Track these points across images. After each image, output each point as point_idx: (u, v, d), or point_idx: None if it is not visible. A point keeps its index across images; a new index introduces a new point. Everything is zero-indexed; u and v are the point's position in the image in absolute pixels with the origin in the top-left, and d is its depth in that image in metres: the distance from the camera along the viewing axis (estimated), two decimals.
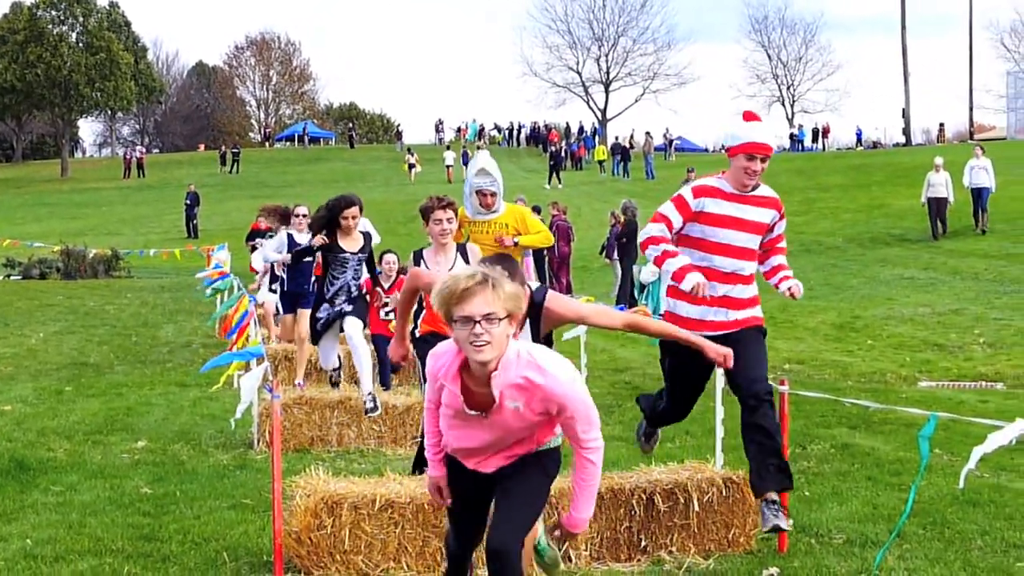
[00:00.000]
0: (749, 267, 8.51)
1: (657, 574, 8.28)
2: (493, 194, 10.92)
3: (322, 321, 13.19)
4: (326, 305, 13.17)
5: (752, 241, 8.46)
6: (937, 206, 35.63)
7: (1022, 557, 8.53)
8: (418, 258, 9.89)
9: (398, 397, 13.93)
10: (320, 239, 13.10)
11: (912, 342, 21.30)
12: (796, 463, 11.54)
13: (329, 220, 13.00)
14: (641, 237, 8.41)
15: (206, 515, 9.85)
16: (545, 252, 31.96)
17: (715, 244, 8.33)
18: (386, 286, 16.24)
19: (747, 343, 8.41)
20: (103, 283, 35.89)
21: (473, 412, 5.78)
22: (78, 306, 29.12)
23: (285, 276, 16.33)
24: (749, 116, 8.46)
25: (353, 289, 13.24)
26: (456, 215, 10.03)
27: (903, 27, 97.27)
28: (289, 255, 15.32)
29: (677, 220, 8.31)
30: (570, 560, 8.43)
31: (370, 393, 12.83)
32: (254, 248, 28.48)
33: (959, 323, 22.74)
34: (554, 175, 65.11)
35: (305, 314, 15.14)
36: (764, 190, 8.61)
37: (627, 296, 26.93)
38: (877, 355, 20.31)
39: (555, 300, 7.77)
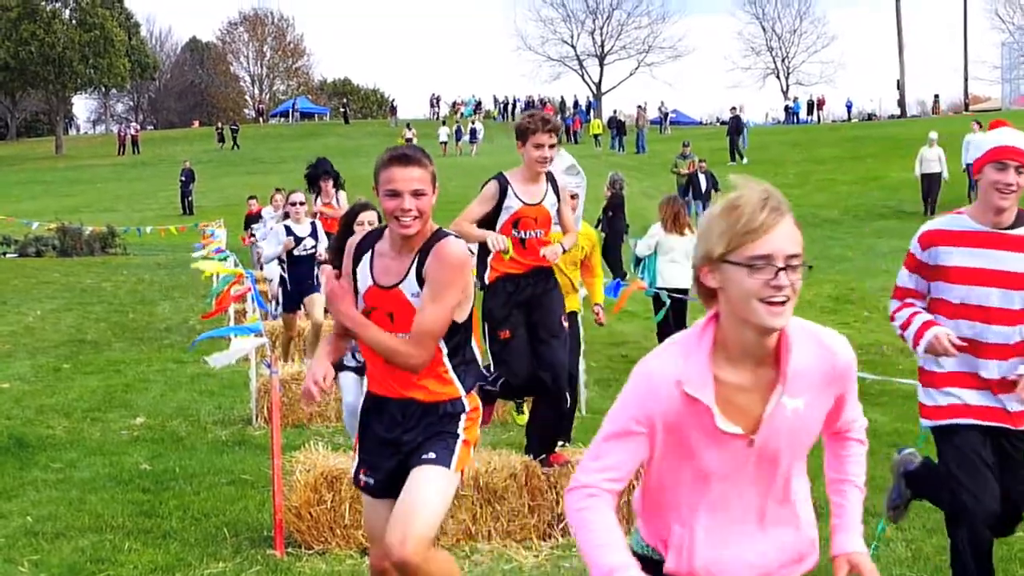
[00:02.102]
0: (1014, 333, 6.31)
1: None
2: (575, 196, 10.05)
3: (352, 366, 9.89)
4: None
5: (1015, 298, 6.26)
6: (929, 182, 35.46)
7: (1019, 527, 8.55)
8: (504, 183, 8.55)
9: None
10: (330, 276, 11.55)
11: None
12: None
13: (345, 228, 11.71)
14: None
15: (206, 491, 9.88)
16: None
17: (959, 306, 6.32)
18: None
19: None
20: (99, 260, 35.86)
21: (733, 430, 3.64)
22: (74, 284, 29.10)
23: (287, 275, 15.54)
24: (996, 124, 6.84)
25: None
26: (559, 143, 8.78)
27: None
28: (291, 239, 15.01)
29: (911, 282, 6.50)
30: (569, 534, 8.46)
31: None
32: (253, 235, 28.47)
33: None
34: None
35: (315, 300, 14.89)
36: None
37: (616, 268, 26.88)
38: (874, 327, 20.33)
39: None
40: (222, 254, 22.12)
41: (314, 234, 15.33)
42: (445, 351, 5.59)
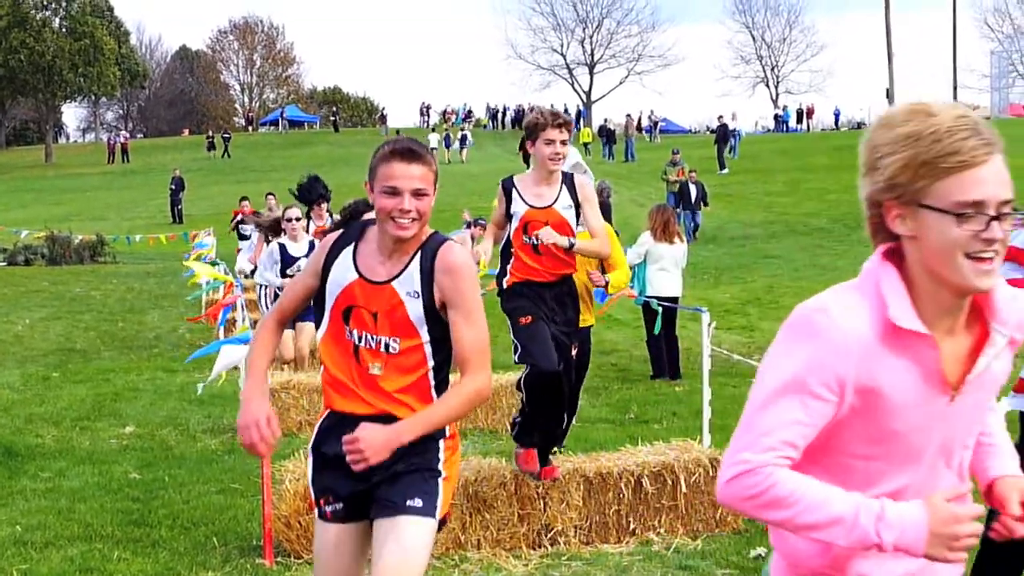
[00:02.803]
0: None
1: (646, 555, 8.31)
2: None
3: None
4: None
5: None
6: None
7: None
8: (508, 186, 8.28)
9: None
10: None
11: None
12: None
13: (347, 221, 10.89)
14: None
15: (195, 500, 9.87)
16: None
17: None
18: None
19: None
20: (88, 269, 35.81)
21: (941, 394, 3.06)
22: (64, 292, 29.05)
23: (281, 292, 15.15)
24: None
25: None
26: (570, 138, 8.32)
27: (887, 7, 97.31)
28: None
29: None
30: (558, 543, 8.46)
31: None
32: (239, 234, 28.39)
33: None
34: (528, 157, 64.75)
35: (306, 328, 14.14)
36: None
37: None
38: None
39: None
40: (212, 260, 22.13)
41: (310, 254, 14.79)
42: (431, 364, 4.93)
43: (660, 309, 15.50)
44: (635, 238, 17.02)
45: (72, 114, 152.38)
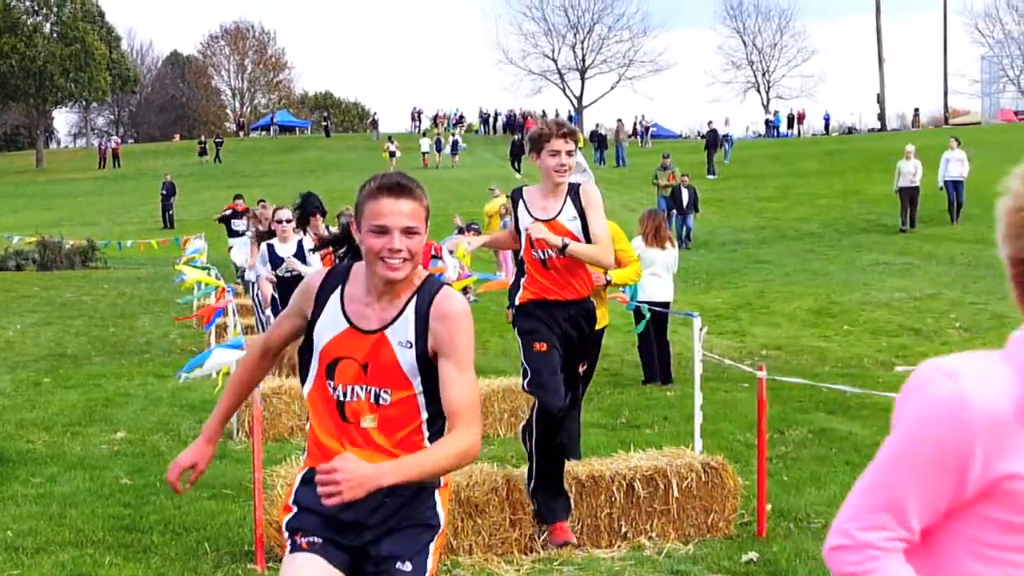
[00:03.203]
0: None
1: (637, 560, 8.32)
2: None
3: None
4: None
5: None
6: (910, 195, 35.23)
7: None
8: (518, 198, 8.14)
9: None
10: None
11: (889, 327, 21.39)
12: (774, 448, 11.62)
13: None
14: None
15: (186, 505, 9.86)
16: None
17: None
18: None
19: None
20: (79, 274, 35.75)
21: None
22: (55, 297, 29.01)
23: (277, 295, 14.87)
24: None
25: None
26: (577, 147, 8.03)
27: (878, 12, 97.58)
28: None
29: None
30: (550, 547, 8.46)
31: None
32: (230, 229, 28.38)
33: (935, 308, 22.84)
34: (516, 164, 64.64)
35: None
36: None
37: None
38: (854, 340, 20.40)
39: None
40: (203, 264, 22.11)
41: (300, 254, 14.77)
42: (425, 417, 4.58)
43: (648, 314, 15.51)
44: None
45: (63, 119, 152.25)
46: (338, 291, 4.63)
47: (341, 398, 4.55)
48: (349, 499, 4.01)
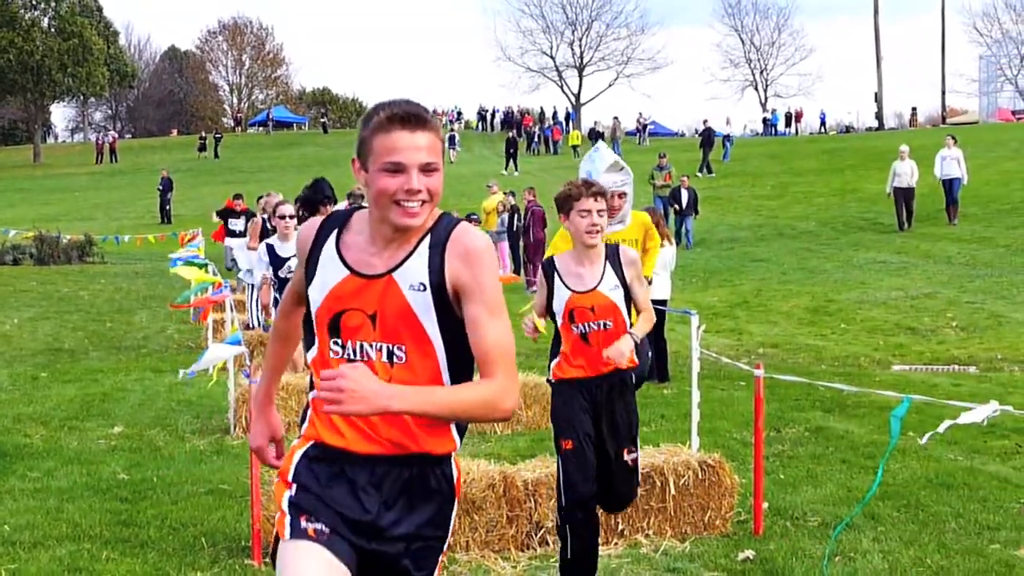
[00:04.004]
0: None
1: (634, 558, 8.32)
2: (623, 195, 8.84)
3: None
4: None
5: None
6: (904, 196, 35.04)
7: (995, 539, 8.61)
8: (551, 269, 7.37)
9: None
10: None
11: (885, 326, 21.40)
12: (771, 446, 11.63)
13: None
14: None
15: (183, 500, 9.86)
16: (520, 237, 32.00)
17: None
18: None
19: None
20: (77, 269, 35.75)
21: None
22: (52, 292, 29.02)
23: (280, 296, 14.27)
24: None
25: None
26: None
27: (875, 11, 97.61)
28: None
29: None
30: (547, 544, 8.47)
31: None
32: (227, 230, 28.35)
33: (932, 307, 22.84)
34: (511, 161, 64.62)
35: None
36: None
37: None
38: (851, 339, 20.41)
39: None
40: (200, 259, 22.08)
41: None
42: (447, 380, 4.02)
43: None
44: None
45: (60, 114, 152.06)
46: (333, 236, 4.08)
47: (351, 357, 3.97)
48: (350, 412, 3.64)
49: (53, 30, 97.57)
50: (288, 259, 13.55)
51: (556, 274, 7.29)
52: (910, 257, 29.77)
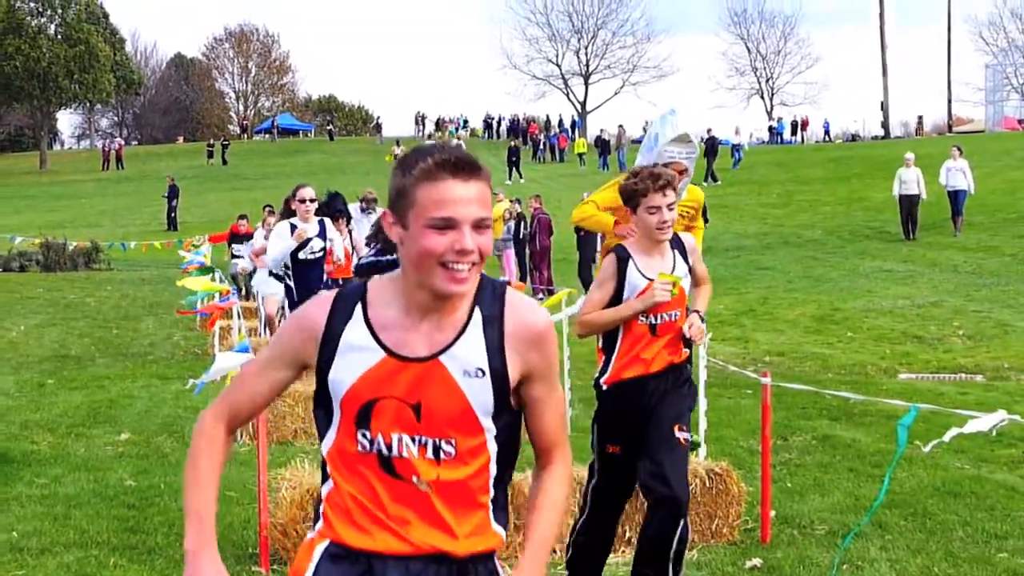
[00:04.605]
0: None
1: None
2: (684, 171, 8.29)
3: None
4: None
5: None
6: (909, 204, 34.94)
7: (1003, 547, 8.60)
8: (625, 261, 6.95)
9: None
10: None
11: (892, 334, 21.38)
12: (778, 455, 11.62)
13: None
14: None
15: None
16: (527, 245, 32.00)
17: None
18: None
19: None
20: (83, 275, 35.80)
21: None
22: (58, 299, 29.05)
23: (293, 283, 13.68)
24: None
25: None
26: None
27: (881, 20, 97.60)
28: (302, 229, 13.17)
29: None
30: (555, 552, 8.47)
31: None
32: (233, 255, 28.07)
33: (938, 315, 22.82)
34: (514, 170, 64.59)
35: None
36: None
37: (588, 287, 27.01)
38: (857, 347, 20.39)
39: None
40: (205, 268, 22.09)
41: (323, 234, 13.67)
42: (494, 473, 3.49)
43: None
44: None
45: (67, 121, 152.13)
46: (358, 311, 3.40)
47: (383, 452, 3.36)
48: None
49: (60, 37, 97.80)
50: (310, 239, 13.46)
51: (633, 265, 6.92)
52: (916, 266, 29.75)
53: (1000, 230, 34.70)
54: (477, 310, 3.36)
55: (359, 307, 3.39)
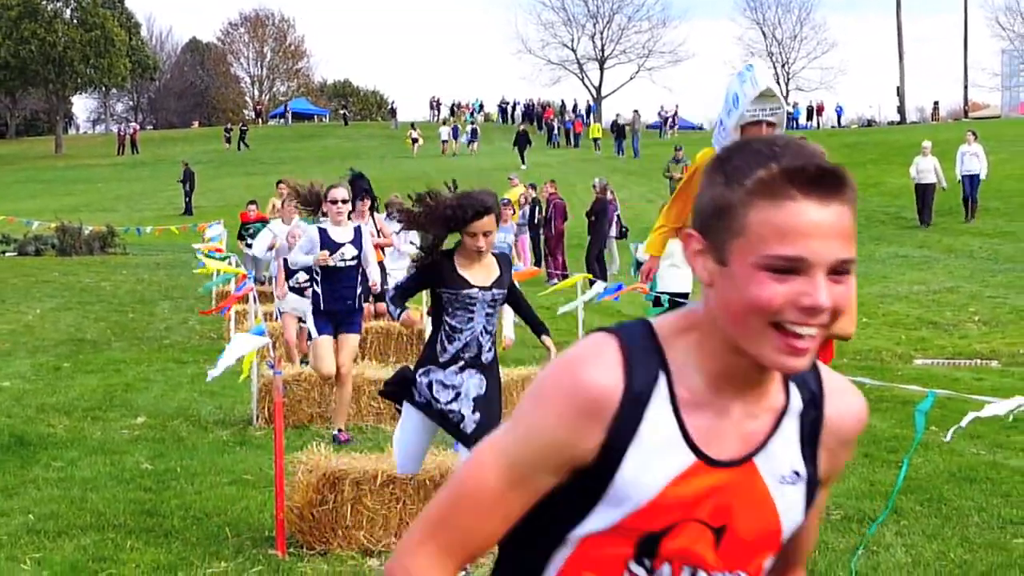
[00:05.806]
0: None
1: None
2: (772, 124, 7.49)
3: (421, 403, 7.79)
4: (437, 377, 7.74)
5: None
6: (923, 192, 34.87)
7: (1018, 533, 8.59)
8: None
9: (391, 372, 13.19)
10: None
11: (907, 320, 21.35)
12: None
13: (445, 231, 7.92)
14: None
15: (207, 491, 9.89)
16: (541, 230, 31.96)
17: None
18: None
19: None
20: (98, 260, 35.84)
21: None
22: (74, 283, 29.10)
23: (320, 289, 12.16)
24: None
25: (486, 352, 7.85)
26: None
27: (898, 5, 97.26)
28: (326, 252, 11.88)
29: None
30: None
31: None
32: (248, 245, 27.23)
33: (954, 301, 22.79)
34: (521, 156, 64.32)
35: (350, 340, 12.18)
36: None
37: (598, 272, 26.94)
38: (872, 333, 20.36)
39: None
40: (221, 254, 22.13)
41: (357, 241, 12.16)
42: None
43: (667, 304, 15.50)
44: (646, 234, 17.02)
45: (82, 105, 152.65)
46: (662, 387, 2.25)
47: None
48: None
49: (75, 21, 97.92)
50: (342, 244, 12.05)
51: None
52: (932, 251, 29.71)
53: (1016, 216, 34.60)
54: (794, 388, 2.38)
55: (663, 375, 2.26)
